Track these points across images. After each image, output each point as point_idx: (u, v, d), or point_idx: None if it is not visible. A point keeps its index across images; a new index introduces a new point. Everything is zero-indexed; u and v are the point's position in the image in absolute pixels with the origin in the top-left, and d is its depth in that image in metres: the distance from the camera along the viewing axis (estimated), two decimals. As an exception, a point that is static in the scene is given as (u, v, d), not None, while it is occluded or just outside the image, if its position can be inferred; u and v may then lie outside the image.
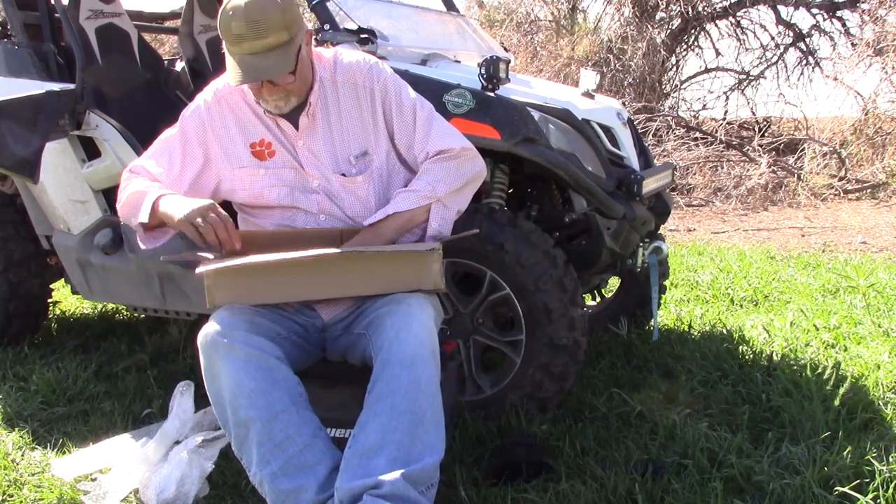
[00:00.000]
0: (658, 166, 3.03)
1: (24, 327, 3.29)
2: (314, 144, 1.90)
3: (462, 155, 1.91)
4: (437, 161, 1.89)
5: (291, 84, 1.79)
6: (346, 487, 1.57)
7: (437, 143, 1.89)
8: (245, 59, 1.71)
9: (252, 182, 1.91)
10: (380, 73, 1.92)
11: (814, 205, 7.42)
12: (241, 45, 1.71)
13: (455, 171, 1.89)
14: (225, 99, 1.93)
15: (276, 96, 1.80)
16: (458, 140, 1.92)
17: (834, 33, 9.80)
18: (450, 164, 1.88)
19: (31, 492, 2.06)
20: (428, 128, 1.90)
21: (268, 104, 1.84)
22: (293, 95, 1.82)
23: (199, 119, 1.93)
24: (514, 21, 10.29)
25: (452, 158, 1.89)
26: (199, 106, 1.94)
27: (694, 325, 3.41)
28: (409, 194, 1.86)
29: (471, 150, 1.93)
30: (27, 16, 2.96)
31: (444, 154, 1.89)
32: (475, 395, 2.45)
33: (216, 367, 1.66)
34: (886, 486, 1.88)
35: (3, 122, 2.43)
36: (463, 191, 1.92)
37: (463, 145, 1.92)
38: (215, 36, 3.58)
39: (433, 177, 1.86)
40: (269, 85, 1.78)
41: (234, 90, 1.92)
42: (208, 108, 1.93)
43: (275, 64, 1.72)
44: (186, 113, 1.95)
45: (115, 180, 2.81)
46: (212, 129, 1.92)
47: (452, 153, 1.89)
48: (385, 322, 1.70)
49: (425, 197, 1.85)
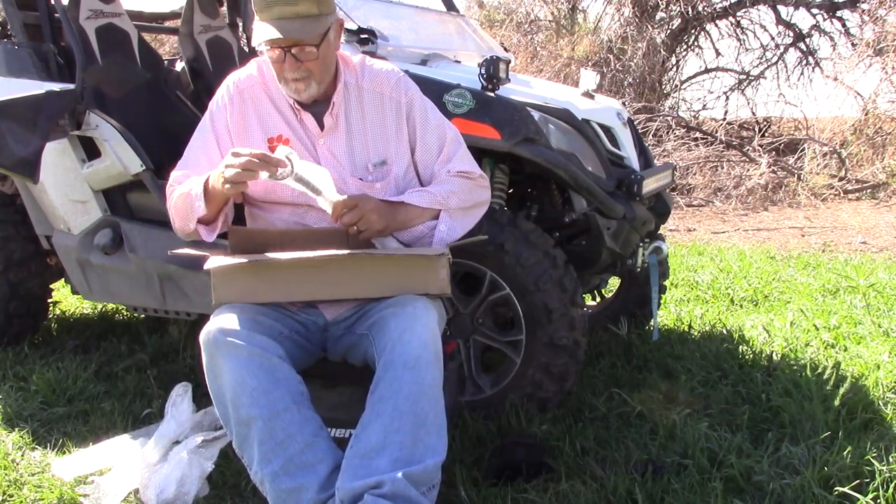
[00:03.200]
0: (658, 166, 3.04)
1: (24, 327, 3.29)
2: (335, 146, 1.91)
3: (478, 181, 1.99)
4: (456, 177, 1.94)
5: (313, 63, 1.80)
6: (347, 487, 1.57)
7: (459, 165, 1.96)
8: (273, 22, 1.74)
9: None
10: (408, 87, 1.96)
11: (814, 205, 7.42)
12: (270, 10, 1.73)
13: (469, 191, 1.95)
14: (247, 91, 1.94)
15: (296, 74, 1.81)
16: (476, 167, 2.00)
17: (834, 33, 9.82)
18: (466, 184, 1.95)
19: (31, 492, 2.06)
20: (454, 150, 1.97)
21: (288, 87, 1.84)
22: (313, 80, 1.83)
23: (224, 111, 1.94)
24: (514, 21, 10.29)
25: (470, 180, 1.96)
26: (222, 97, 1.95)
27: (694, 325, 3.41)
28: (424, 194, 1.89)
29: (486, 180, 2.02)
30: (27, 16, 2.96)
31: (464, 174, 1.95)
32: (475, 395, 2.45)
33: (218, 366, 1.66)
34: (886, 486, 1.88)
35: (3, 122, 2.43)
36: (469, 212, 1.97)
37: (481, 173, 2.00)
38: (215, 36, 3.58)
39: (449, 188, 1.91)
40: (292, 59, 1.78)
41: (256, 83, 1.93)
42: (231, 99, 1.94)
43: (301, 28, 1.74)
44: (212, 108, 1.97)
45: (115, 180, 2.83)
46: (231, 121, 1.93)
47: (472, 176, 1.96)
48: (389, 323, 1.70)
49: (437, 202, 1.89)
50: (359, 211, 1.76)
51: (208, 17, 3.53)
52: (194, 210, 1.82)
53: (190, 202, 1.83)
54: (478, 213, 2.00)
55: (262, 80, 1.93)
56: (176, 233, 1.94)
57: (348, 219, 1.77)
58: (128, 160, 2.73)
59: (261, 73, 1.94)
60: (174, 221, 1.92)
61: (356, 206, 1.76)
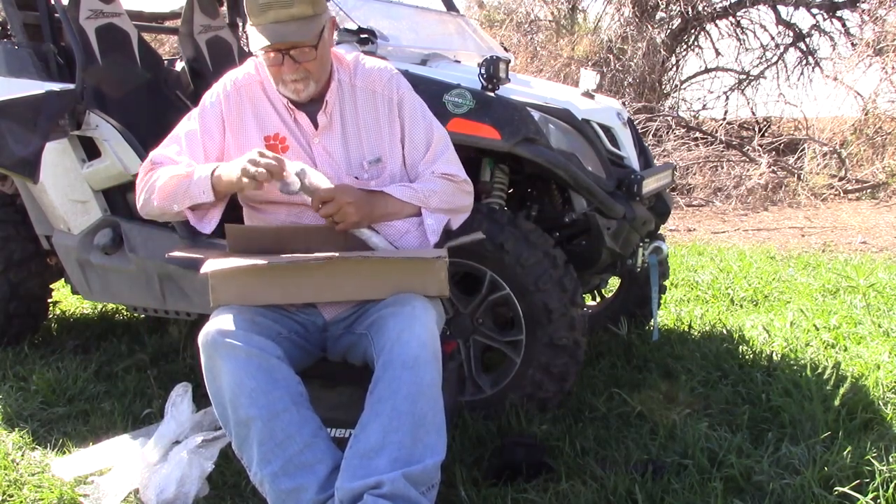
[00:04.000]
0: (658, 166, 3.03)
1: (24, 327, 3.29)
2: (330, 144, 1.91)
3: (461, 185, 1.97)
4: (440, 178, 1.93)
5: (311, 63, 1.80)
6: (347, 487, 1.57)
7: (444, 167, 1.95)
8: (269, 26, 1.74)
9: None
10: (400, 85, 1.96)
11: (814, 205, 7.42)
12: (266, 14, 1.74)
13: (451, 193, 1.94)
14: (244, 89, 1.94)
15: (295, 76, 1.81)
16: (462, 172, 1.98)
17: (834, 33, 9.81)
18: (449, 186, 1.94)
19: (31, 492, 2.06)
20: (441, 151, 1.96)
21: (286, 88, 1.84)
22: (312, 79, 1.83)
23: (218, 107, 1.94)
24: (514, 21, 10.29)
25: (453, 183, 1.95)
26: (217, 94, 1.95)
27: (694, 325, 3.41)
28: (406, 188, 1.89)
29: (469, 186, 2.00)
30: (27, 16, 2.96)
31: (448, 176, 1.94)
32: (475, 395, 2.45)
33: (217, 367, 1.66)
34: (886, 486, 1.88)
35: (3, 122, 2.43)
36: (449, 215, 1.96)
37: (465, 178, 1.98)
38: (215, 36, 3.58)
39: (432, 188, 1.91)
40: (291, 61, 1.78)
41: (254, 81, 1.93)
42: (227, 97, 1.94)
43: (298, 30, 1.75)
44: (206, 102, 1.96)
45: (115, 180, 2.83)
46: (227, 118, 1.93)
47: (455, 179, 1.95)
48: (388, 323, 1.70)
49: (418, 199, 1.88)
50: (335, 204, 1.76)
51: (208, 17, 3.53)
52: (193, 196, 1.80)
53: (186, 186, 1.81)
54: (457, 219, 1.99)
55: (259, 79, 1.93)
56: (144, 209, 1.92)
57: (325, 211, 1.77)
58: (128, 160, 2.73)
59: (258, 72, 1.94)
60: (152, 199, 1.88)
61: (333, 199, 1.76)
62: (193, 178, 1.81)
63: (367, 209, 1.82)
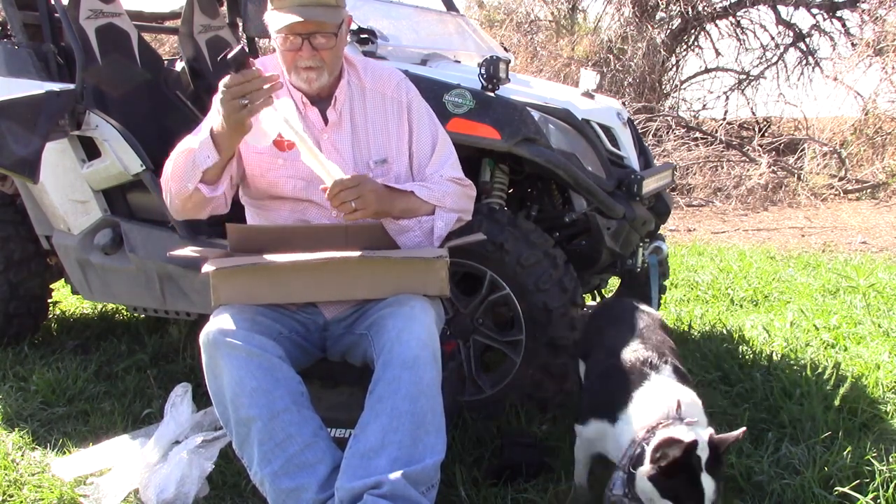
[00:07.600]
0: (658, 166, 3.03)
1: (24, 327, 3.29)
2: (338, 141, 1.92)
3: (467, 189, 2.01)
4: (450, 181, 1.96)
5: (328, 52, 1.82)
6: (347, 487, 1.57)
7: (451, 171, 1.98)
8: (295, 8, 1.76)
9: (269, 170, 1.92)
10: (409, 89, 1.99)
11: (814, 205, 7.42)
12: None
13: (458, 197, 1.97)
14: None
15: (311, 62, 1.81)
16: (466, 179, 2.02)
17: (834, 33, 9.80)
18: (457, 189, 1.97)
19: (31, 492, 2.06)
20: (447, 156, 1.99)
21: (299, 77, 1.84)
22: (325, 69, 1.84)
23: None
24: (514, 21, 10.30)
25: (462, 187, 1.98)
26: None
27: (694, 325, 3.41)
28: (425, 189, 1.91)
29: (473, 190, 2.05)
30: (27, 16, 2.96)
31: (456, 180, 1.97)
32: (475, 395, 2.45)
33: (218, 366, 1.67)
34: (886, 486, 1.88)
35: (3, 122, 2.43)
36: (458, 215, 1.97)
37: (470, 183, 2.03)
38: (215, 36, 3.58)
39: (445, 189, 1.93)
40: (309, 47, 1.79)
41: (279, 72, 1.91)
42: None
43: (323, 13, 1.77)
44: None
45: (115, 180, 2.83)
46: None
47: (463, 184, 1.99)
48: (387, 323, 1.70)
49: (435, 198, 1.90)
50: (359, 189, 1.73)
51: (208, 17, 3.53)
52: (200, 163, 1.75)
53: (192, 158, 1.76)
54: (460, 220, 2.00)
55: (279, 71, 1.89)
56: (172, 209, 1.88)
57: (345, 195, 1.71)
58: (128, 160, 2.73)
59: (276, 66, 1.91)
60: (170, 189, 1.84)
61: (357, 185, 1.73)
62: (195, 147, 1.77)
63: (388, 202, 1.83)
